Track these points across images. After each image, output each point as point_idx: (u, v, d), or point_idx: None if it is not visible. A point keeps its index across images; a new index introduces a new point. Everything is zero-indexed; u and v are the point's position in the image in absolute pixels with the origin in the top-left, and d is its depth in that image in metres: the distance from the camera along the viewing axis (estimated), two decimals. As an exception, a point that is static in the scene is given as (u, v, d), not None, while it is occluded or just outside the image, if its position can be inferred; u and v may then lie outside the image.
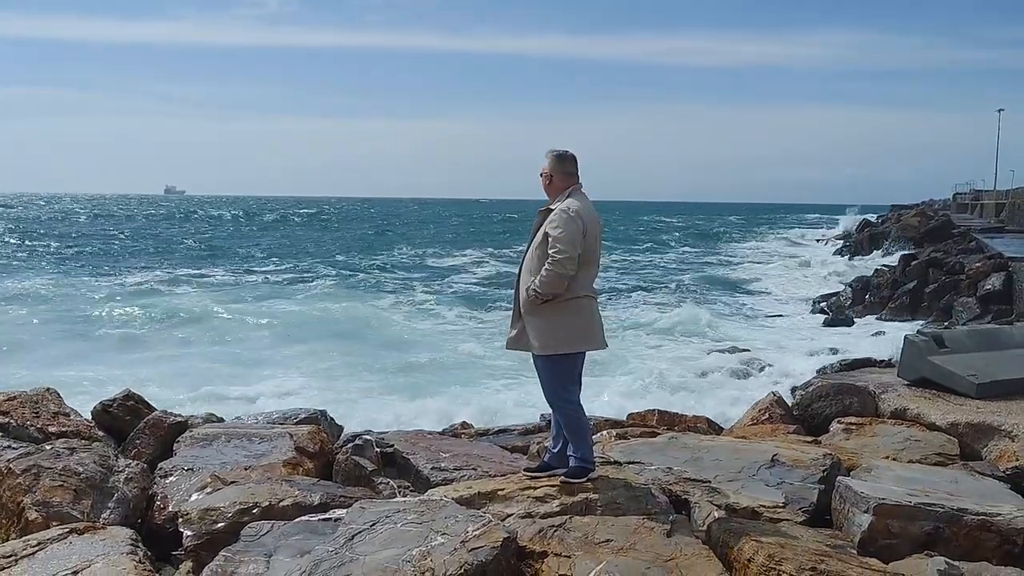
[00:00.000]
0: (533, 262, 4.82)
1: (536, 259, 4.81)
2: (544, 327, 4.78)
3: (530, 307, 4.80)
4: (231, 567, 4.13)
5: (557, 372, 4.86)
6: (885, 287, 25.75)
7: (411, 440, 6.47)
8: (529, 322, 4.83)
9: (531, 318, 4.82)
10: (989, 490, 5.17)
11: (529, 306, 4.80)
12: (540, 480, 4.99)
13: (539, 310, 4.77)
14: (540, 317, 4.79)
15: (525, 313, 4.85)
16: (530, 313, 4.82)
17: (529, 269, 4.85)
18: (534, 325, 4.81)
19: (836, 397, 7.65)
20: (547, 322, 4.78)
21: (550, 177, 4.97)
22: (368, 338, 19.60)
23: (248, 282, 33.25)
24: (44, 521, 4.88)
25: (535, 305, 4.76)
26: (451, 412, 12.16)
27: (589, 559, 4.06)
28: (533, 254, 4.84)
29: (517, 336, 4.92)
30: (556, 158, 4.97)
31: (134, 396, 7.22)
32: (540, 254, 4.78)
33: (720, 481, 5.35)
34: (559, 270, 4.66)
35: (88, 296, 26.14)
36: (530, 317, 4.82)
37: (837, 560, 3.89)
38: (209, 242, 55.09)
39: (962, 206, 65.61)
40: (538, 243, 4.83)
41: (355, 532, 4.24)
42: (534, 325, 4.81)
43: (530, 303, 4.78)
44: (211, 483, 5.41)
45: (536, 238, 4.87)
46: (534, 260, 4.82)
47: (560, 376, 4.87)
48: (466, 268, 41.53)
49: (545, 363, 4.86)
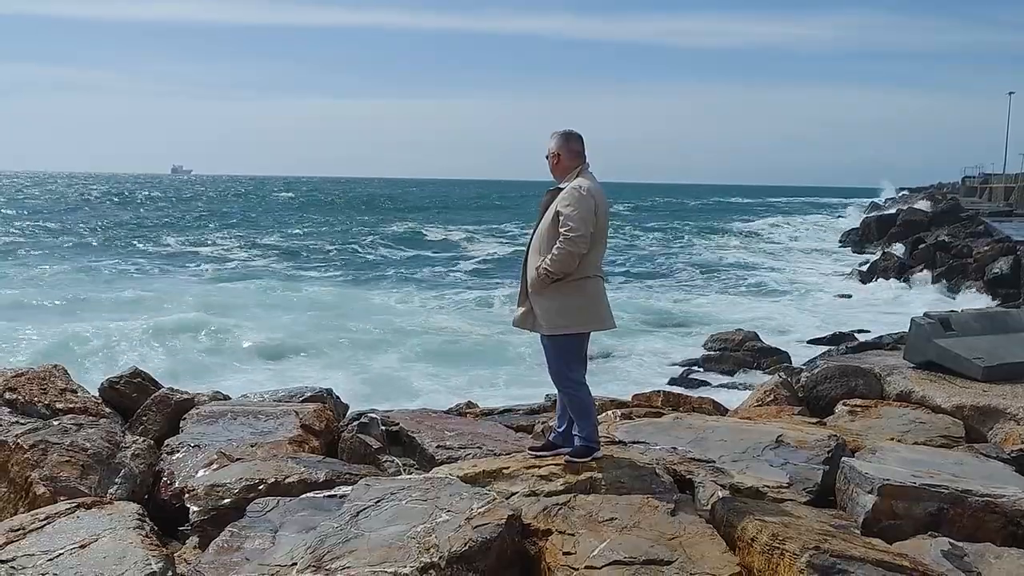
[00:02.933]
0: (543, 242, 4.80)
1: (546, 239, 4.78)
2: (551, 307, 4.77)
3: (539, 287, 4.78)
4: (237, 542, 4.16)
5: (563, 352, 4.85)
6: (892, 271, 25.71)
7: (416, 419, 6.49)
8: (537, 302, 4.82)
9: (539, 298, 4.80)
10: (994, 472, 5.16)
11: (538, 286, 4.78)
12: (545, 459, 5.00)
13: (547, 290, 4.76)
14: (547, 297, 4.78)
15: (533, 293, 4.83)
16: (538, 293, 4.80)
17: (538, 249, 4.82)
18: (542, 305, 4.80)
19: (841, 379, 7.64)
20: (554, 302, 4.77)
21: (558, 157, 4.93)
22: (369, 318, 19.62)
23: (251, 262, 33.35)
24: (52, 496, 4.91)
25: (545, 285, 4.75)
26: (457, 391, 12.21)
27: (593, 537, 4.07)
28: (543, 234, 4.81)
29: (523, 316, 4.91)
30: (563, 137, 4.93)
31: (141, 373, 7.24)
32: (550, 234, 4.76)
33: (724, 461, 5.35)
34: (571, 248, 4.64)
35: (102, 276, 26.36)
36: (538, 297, 4.81)
37: (841, 540, 3.89)
38: (212, 221, 55.41)
39: (971, 189, 65.33)
40: (548, 223, 4.80)
41: (360, 509, 4.26)
42: (542, 305, 4.80)
43: (539, 282, 4.76)
44: (217, 460, 5.44)
45: (546, 218, 4.84)
46: (543, 240, 4.80)
47: (566, 356, 4.86)
48: (469, 247, 41.51)
49: (552, 343, 4.85)
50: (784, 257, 39.56)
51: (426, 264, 34.20)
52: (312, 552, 3.85)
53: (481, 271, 31.91)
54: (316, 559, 3.79)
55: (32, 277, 25.79)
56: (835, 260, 36.56)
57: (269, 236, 45.18)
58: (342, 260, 35.19)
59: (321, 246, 40.32)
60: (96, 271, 28.28)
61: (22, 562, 3.80)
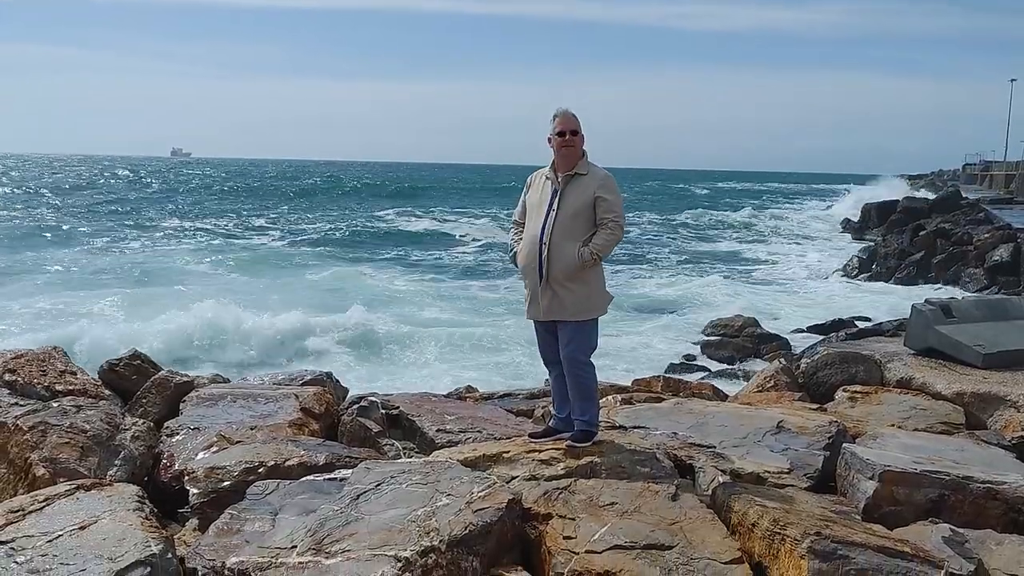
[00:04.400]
0: (576, 229, 4.74)
1: (580, 225, 4.75)
2: (584, 292, 4.78)
3: (573, 273, 4.74)
4: (237, 525, 4.15)
5: (588, 335, 4.87)
6: (892, 257, 25.68)
7: (416, 403, 6.49)
8: (572, 288, 4.76)
9: (572, 284, 4.76)
10: (995, 459, 5.16)
11: (575, 270, 4.73)
12: (545, 444, 4.99)
13: (582, 274, 4.74)
14: (581, 282, 4.77)
15: (566, 280, 4.75)
16: (572, 279, 4.75)
17: (570, 235, 4.74)
18: (575, 291, 4.76)
19: (842, 365, 7.63)
20: (587, 287, 4.79)
21: (582, 140, 4.86)
22: (364, 301, 19.60)
23: (246, 242, 33.31)
24: (51, 477, 4.90)
25: (583, 269, 4.73)
26: (457, 376, 12.21)
27: (593, 522, 4.06)
28: (574, 219, 4.75)
29: (549, 305, 4.82)
30: (577, 119, 4.86)
31: (141, 355, 7.23)
32: (583, 219, 4.75)
33: (725, 446, 5.35)
34: (620, 235, 4.80)
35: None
36: (570, 283, 4.76)
37: (842, 526, 3.88)
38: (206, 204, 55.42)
39: (971, 176, 65.23)
40: (579, 208, 4.75)
41: (360, 492, 4.25)
42: (575, 291, 4.76)
43: (578, 267, 4.72)
44: (217, 442, 5.43)
45: (571, 204, 4.77)
46: (576, 226, 4.75)
47: (590, 339, 4.88)
48: (462, 234, 41.39)
49: (578, 327, 4.83)
50: (782, 243, 39.54)
51: (423, 249, 34.18)
52: (312, 535, 3.84)
53: (471, 258, 31.87)
54: (316, 542, 3.78)
55: (28, 259, 25.74)
56: (834, 247, 36.50)
57: (268, 219, 45.17)
58: (342, 242, 35.15)
59: (323, 228, 40.31)
60: (98, 252, 28.25)
61: (21, 543, 3.79)
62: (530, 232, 4.89)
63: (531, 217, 4.93)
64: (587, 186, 4.77)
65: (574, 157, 4.82)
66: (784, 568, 3.68)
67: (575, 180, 4.80)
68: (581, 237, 4.73)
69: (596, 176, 4.80)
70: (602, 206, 4.75)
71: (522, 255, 4.92)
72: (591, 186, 4.77)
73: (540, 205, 4.88)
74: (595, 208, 4.76)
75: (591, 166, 4.84)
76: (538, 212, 4.87)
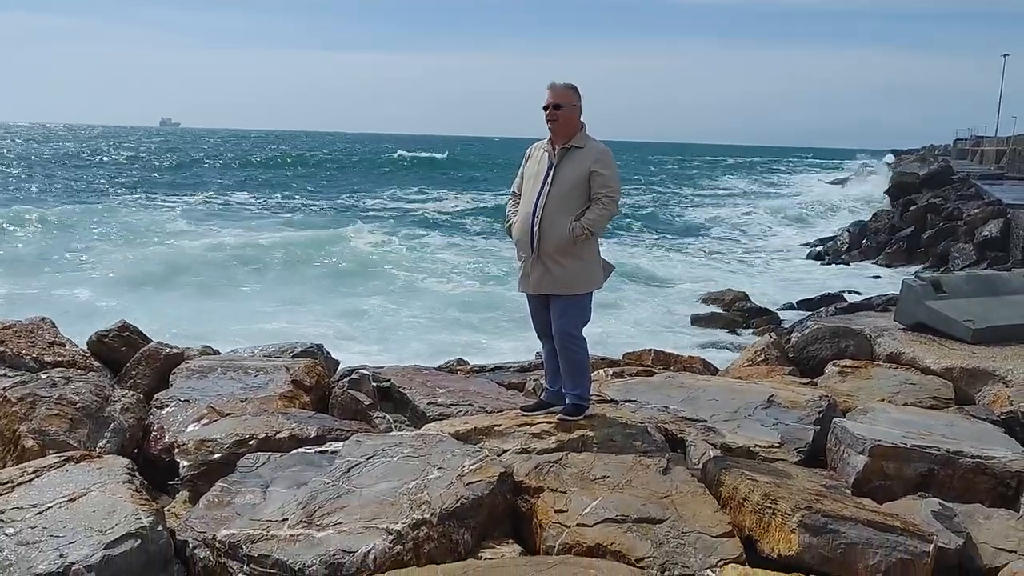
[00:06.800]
0: (569, 203, 4.71)
1: (574, 199, 4.71)
2: (577, 267, 4.75)
3: (566, 248, 4.70)
4: (227, 497, 4.13)
5: (581, 310, 4.85)
6: (883, 232, 25.72)
7: (407, 375, 6.47)
8: (563, 263, 4.73)
9: (563, 258, 4.73)
10: (984, 433, 5.19)
11: (566, 246, 4.70)
12: (536, 417, 4.98)
13: (574, 249, 4.70)
14: (574, 256, 4.73)
15: (557, 254, 4.72)
16: (563, 253, 4.72)
17: (563, 209, 4.70)
18: (568, 265, 4.73)
19: (832, 340, 7.66)
20: (580, 261, 4.75)
21: (579, 111, 4.81)
22: (359, 276, 19.57)
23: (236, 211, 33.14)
24: (40, 449, 4.87)
25: (575, 244, 4.69)
26: (448, 349, 12.21)
27: (585, 495, 4.07)
28: (568, 193, 4.71)
29: (540, 278, 4.80)
30: (576, 91, 4.81)
31: (130, 327, 7.17)
32: (578, 194, 4.71)
33: (716, 421, 5.36)
34: (613, 211, 4.76)
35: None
36: (562, 257, 4.73)
37: (832, 500, 3.90)
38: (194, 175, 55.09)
39: (963, 152, 65.27)
40: (574, 182, 4.71)
41: (351, 465, 4.24)
42: (568, 265, 4.73)
43: (570, 241, 4.68)
44: (207, 415, 5.41)
45: (567, 177, 4.72)
46: (569, 199, 4.71)
47: (582, 314, 4.86)
48: (453, 206, 41.30)
49: (571, 302, 4.81)
50: (771, 219, 39.52)
51: (409, 221, 34.07)
52: (303, 507, 3.84)
53: (464, 231, 31.81)
54: (307, 514, 3.78)
55: (10, 230, 25.50)
56: (824, 223, 36.52)
57: (254, 191, 44.92)
58: (334, 212, 35.02)
59: (315, 200, 40.14)
60: (89, 224, 28.05)
61: (11, 515, 3.77)
62: (524, 205, 4.85)
63: (526, 189, 4.89)
64: (583, 160, 4.72)
65: (562, 131, 4.76)
66: (774, 542, 3.70)
67: (571, 153, 4.75)
68: (575, 211, 4.69)
69: (592, 150, 4.75)
70: (597, 181, 4.70)
71: (516, 228, 4.88)
72: (587, 160, 4.72)
73: (536, 177, 4.84)
74: (589, 182, 4.72)
75: (588, 139, 4.78)
76: (534, 184, 4.83)
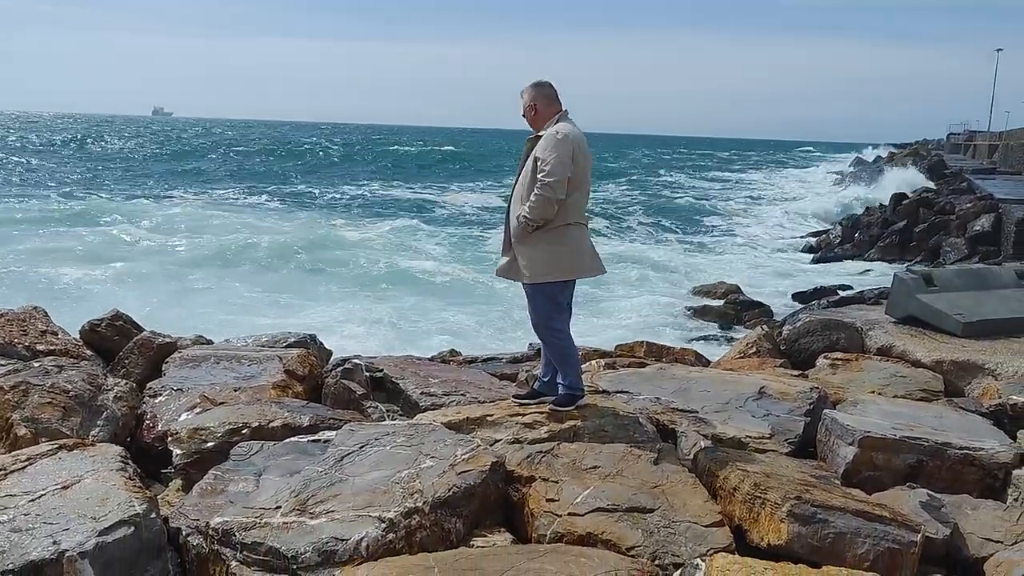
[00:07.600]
0: (524, 190, 4.75)
1: (527, 187, 4.73)
2: (534, 255, 4.73)
3: (521, 235, 4.74)
4: (221, 485, 4.15)
5: (547, 301, 4.83)
6: (875, 226, 25.77)
7: (400, 365, 6.49)
8: (520, 251, 4.77)
9: (522, 247, 4.76)
10: (973, 425, 5.23)
11: (520, 234, 4.74)
12: (528, 407, 5.01)
13: (529, 238, 4.71)
14: (530, 245, 4.73)
15: (515, 242, 4.79)
16: (521, 242, 4.76)
17: (520, 197, 4.77)
18: (525, 254, 4.75)
19: (823, 333, 7.69)
20: (537, 251, 4.73)
21: (534, 108, 4.86)
22: (356, 267, 19.55)
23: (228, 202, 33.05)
24: (33, 437, 4.87)
25: (526, 232, 4.70)
26: (441, 339, 12.22)
27: (576, 484, 4.09)
28: (524, 182, 4.77)
29: (507, 265, 4.89)
30: (535, 87, 4.88)
31: (123, 316, 7.17)
32: (531, 181, 4.71)
33: (707, 411, 5.39)
34: (548, 194, 4.59)
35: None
36: (521, 246, 4.77)
37: (821, 490, 3.93)
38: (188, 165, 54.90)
39: (956, 146, 65.42)
40: (528, 171, 4.74)
41: (344, 454, 4.26)
42: (525, 254, 4.75)
43: (521, 231, 4.72)
44: (200, 403, 5.42)
45: (527, 166, 4.79)
46: (525, 188, 4.74)
47: (548, 304, 4.84)
48: (452, 197, 41.27)
49: (535, 291, 4.83)
50: (763, 211, 39.57)
51: (413, 213, 34.02)
52: (296, 496, 3.85)
53: (460, 220, 31.80)
54: (300, 503, 3.79)
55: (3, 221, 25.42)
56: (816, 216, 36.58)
57: (248, 181, 44.80)
58: (331, 204, 34.95)
59: (310, 191, 40.06)
60: (80, 214, 27.94)
61: (4, 503, 3.77)
62: None
63: None
64: (537, 146, 4.76)
65: (535, 125, 4.88)
66: (764, 531, 3.73)
67: (536, 141, 4.82)
68: (528, 200, 4.71)
69: (545, 135, 4.75)
70: (537, 166, 4.68)
71: None
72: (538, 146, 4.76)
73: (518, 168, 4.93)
74: None
75: (553, 125, 4.77)
76: None
